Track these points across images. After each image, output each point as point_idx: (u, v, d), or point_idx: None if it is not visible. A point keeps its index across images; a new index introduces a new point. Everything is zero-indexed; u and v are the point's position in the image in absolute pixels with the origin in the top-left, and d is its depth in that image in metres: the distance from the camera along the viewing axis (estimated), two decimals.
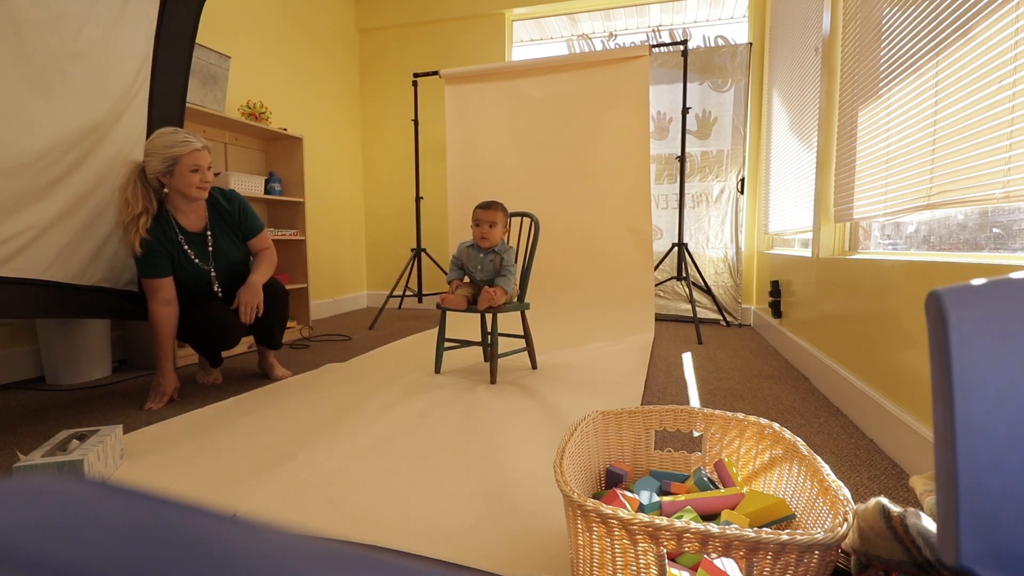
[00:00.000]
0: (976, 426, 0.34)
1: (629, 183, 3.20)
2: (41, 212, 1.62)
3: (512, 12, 3.95)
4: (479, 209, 2.07)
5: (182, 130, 1.79)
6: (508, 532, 0.97)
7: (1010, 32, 1.00)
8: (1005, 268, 0.99)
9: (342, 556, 0.15)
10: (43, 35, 1.54)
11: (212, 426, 1.55)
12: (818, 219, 2.08)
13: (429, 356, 2.45)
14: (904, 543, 0.61)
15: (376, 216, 4.38)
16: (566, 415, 1.63)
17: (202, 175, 1.79)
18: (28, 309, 1.66)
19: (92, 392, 1.97)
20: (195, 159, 1.76)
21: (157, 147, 1.73)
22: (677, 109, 3.21)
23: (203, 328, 1.86)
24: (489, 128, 3.49)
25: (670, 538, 0.65)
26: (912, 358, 1.26)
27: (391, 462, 1.28)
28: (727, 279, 3.53)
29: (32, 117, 1.55)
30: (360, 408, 1.69)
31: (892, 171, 1.49)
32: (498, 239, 2.08)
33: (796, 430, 1.51)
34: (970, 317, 0.35)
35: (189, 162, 1.75)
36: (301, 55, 3.66)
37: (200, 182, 1.78)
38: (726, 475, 1.00)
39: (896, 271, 1.37)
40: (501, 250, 2.08)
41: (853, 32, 1.83)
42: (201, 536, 0.15)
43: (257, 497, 1.11)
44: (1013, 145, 0.98)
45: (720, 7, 3.68)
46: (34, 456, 1.15)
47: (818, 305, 2.05)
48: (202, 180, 1.79)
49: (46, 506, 0.16)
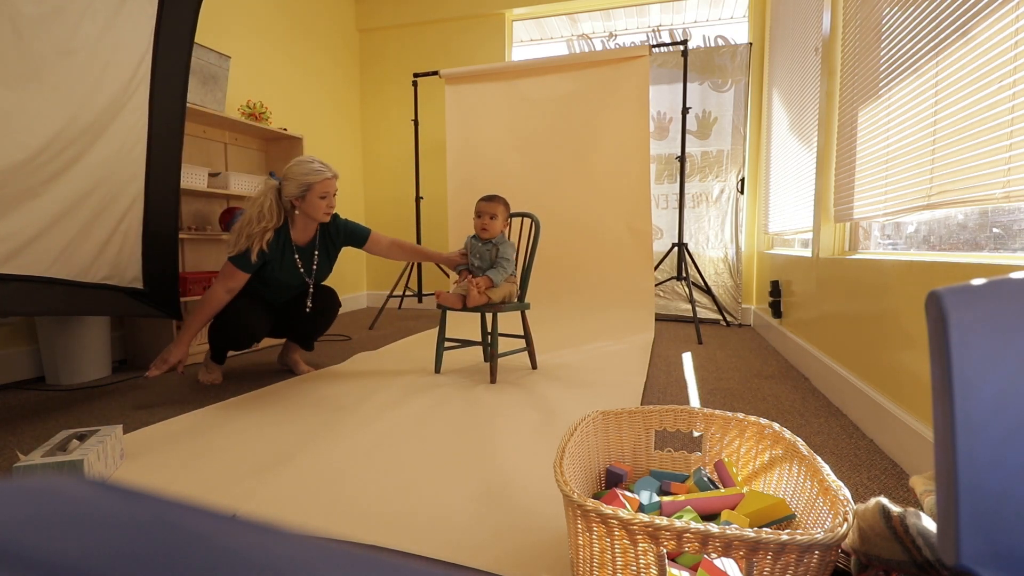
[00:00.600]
0: (976, 426, 0.34)
1: (629, 183, 3.20)
2: (40, 209, 1.62)
3: (512, 12, 3.95)
4: (481, 201, 2.13)
5: (317, 159, 1.94)
6: (508, 532, 0.97)
7: (1010, 32, 1.00)
8: (1005, 268, 0.99)
9: (342, 556, 0.15)
10: (39, 31, 1.54)
11: (212, 426, 1.55)
12: (818, 219, 2.08)
13: (429, 356, 2.45)
14: (904, 543, 0.61)
15: (376, 216, 4.38)
16: (566, 415, 1.63)
17: (329, 201, 1.96)
18: (31, 306, 1.66)
19: (92, 392, 1.97)
20: (326, 187, 1.93)
21: (295, 174, 1.90)
22: (677, 109, 3.21)
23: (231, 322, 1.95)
24: (489, 128, 3.49)
25: (670, 538, 0.65)
26: (912, 358, 1.26)
27: (391, 462, 1.28)
28: (727, 279, 3.53)
29: (28, 113, 1.55)
30: (360, 408, 1.69)
31: (892, 171, 1.49)
32: (498, 231, 2.12)
33: (796, 430, 1.51)
34: (970, 317, 0.35)
35: (320, 189, 1.91)
36: (301, 55, 3.66)
37: (327, 207, 1.96)
38: (726, 475, 1.00)
39: (896, 271, 1.37)
40: (498, 242, 2.10)
41: (853, 32, 1.83)
42: (201, 536, 0.15)
43: (257, 497, 1.11)
44: (1013, 145, 0.98)
45: (720, 7, 3.68)
46: (34, 456, 1.15)
47: (818, 305, 2.05)
48: (328, 206, 1.96)
49: (46, 506, 0.16)
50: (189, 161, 2.64)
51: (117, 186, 1.84)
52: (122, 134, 1.83)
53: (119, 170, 1.83)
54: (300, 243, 2.02)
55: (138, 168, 1.91)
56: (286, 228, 1.98)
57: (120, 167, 1.83)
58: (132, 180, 1.90)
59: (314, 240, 2.06)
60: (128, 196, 1.89)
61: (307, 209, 1.93)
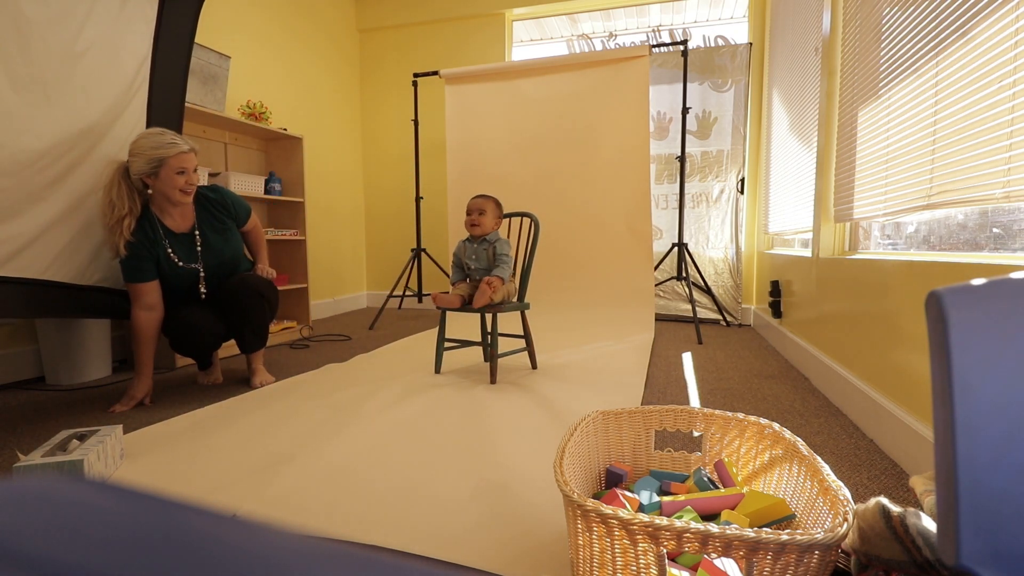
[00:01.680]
0: (976, 426, 0.34)
1: (629, 183, 3.20)
2: (41, 212, 1.62)
3: (512, 12, 3.95)
4: (471, 199, 2.13)
5: (169, 131, 1.76)
6: (508, 532, 0.97)
7: (1010, 32, 1.00)
8: (1005, 268, 0.99)
9: (342, 556, 0.15)
10: (45, 35, 1.54)
11: (212, 426, 1.55)
12: (818, 219, 2.08)
13: (429, 356, 2.45)
14: (904, 543, 0.61)
15: (376, 216, 4.38)
16: (566, 415, 1.63)
17: (188, 178, 1.75)
18: (28, 309, 1.66)
19: (92, 392, 1.97)
20: (181, 161, 1.72)
21: (143, 148, 1.69)
22: (677, 109, 3.21)
23: (182, 333, 1.84)
24: (489, 128, 3.49)
25: (670, 538, 0.65)
26: (912, 358, 1.26)
27: (391, 462, 1.28)
28: (727, 279, 3.53)
29: (32, 117, 1.55)
30: (360, 408, 1.69)
31: (892, 171, 1.49)
32: (489, 228, 2.10)
33: (796, 430, 1.51)
34: (970, 317, 0.35)
35: (175, 164, 1.72)
36: (301, 55, 3.66)
37: (185, 184, 1.75)
38: (726, 475, 1.00)
39: (896, 271, 1.37)
40: (493, 240, 2.10)
41: (853, 32, 1.83)
42: (201, 536, 0.15)
43: (257, 497, 1.11)
44: (1013, 145, 0.98)
45: (720, 7, 3.68)
46: (34, 456, 1.15)
47: (818, 305, 2.05)
48: (187, 183, 1.75)
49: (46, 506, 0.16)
50: None
51: None
52: (122, 135, 1.83)
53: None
54: (180, 229, 1.84)
55: None
56: (151, 216, 1.78)
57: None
58: None
59: (193, 223, 1.86)
60: None
61: (162, 187, 1.72)
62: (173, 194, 1.74)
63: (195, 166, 1.78)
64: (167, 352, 2.31)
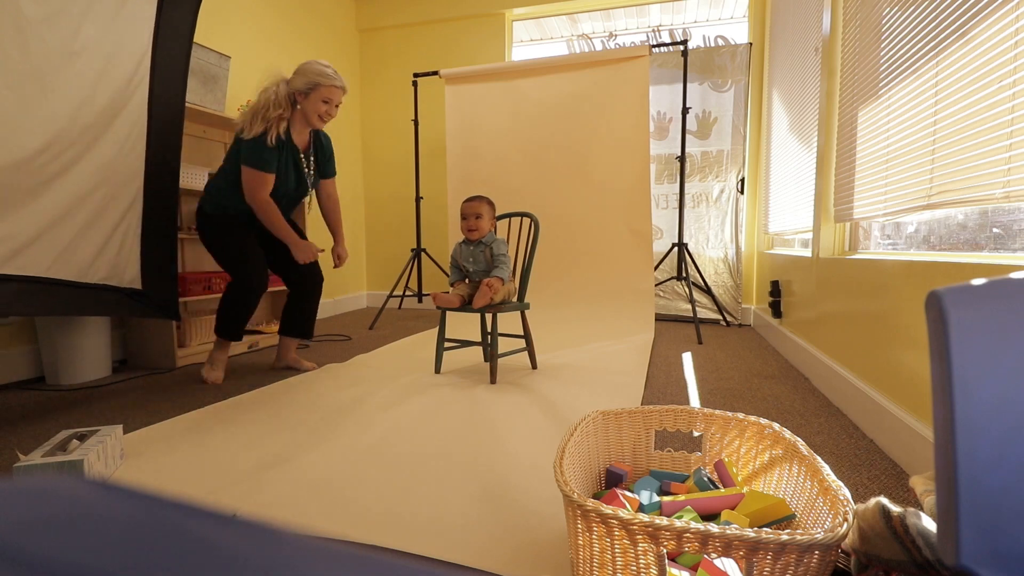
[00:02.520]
0: (976, 426, 0.34)
1: (629, 183, 3.20)
2: (40, 210, 1.62)
3: (512, 12, 3.95)
4: (465, 203, 2.13)
5: (332, 67, 1.98)
6: (508, 532, 0.97)
7: (1010, 32, 1.00)
8: (1005, 268, 0.99)
9: (342, 556, 0.15)
10: (42, 33, 1.54)
11: (212, 426, 1.55)
12: (818, 219, 2.08)
13: (429, 356, 2.45)
14: (904, 543, 0.61)
15: (376, 216, 4.38)
16: (566, 415, 1.63)
17: (328, 109, 1.99)
18: (31, 307, 1.66)
19: (92, 392, 1.97)
20: (330, 92, 1.96)
21: (307, 70, 1.94)
22: (677, 109, 3.21)
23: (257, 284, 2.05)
24: (489, 128, 3.49)
25: (670, 538, 0.65)
26: (912, 358, 1.26)
27: (391, 462, 1.28)
28: (727, 279, 3.53)
29: (29, 114, 1.55)
30: (360, 408, 1.69)
31: (892, 171, 1.49)
32: (486, 230, 2.11)
33: (796, 430, 1.51)
34: (970, 317, 0.35)
35: (325, 93, 1.95)
36: (301, 55, 3.65)
37: (324, 113, 1.99)
38: (726, 475, 1.00)
39: (896, 271, 1.37)
40: (489, 241, 2.10)
41: (853, 32, 1.83)
42: (201, 536, 0.15)
43: (257, 497, 1.11)
44: (1013, 145, 0.98)
45: (720, 7, 3.68)
46: (34, 456, 1.15)
47: (818, 305, 2.05)
48: (326, 112, 1.99)
49: (46, 506, 0.16)
50: (189, 161, 2.64)
51: (117, 186, 1.84)
52: (122, 134, 1.83)
53: (119, 170, 1.83)
54: (298, 146, 2.05)
55: (138, 168, 1.91)
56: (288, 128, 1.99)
57: (120, 167, 1.83)
58: (132, 180, 1.90)
59: (309, 147, 2.09)
60: (128, 196, 1.89)
61: (307, 107, 1.96)
62: (312, 117, 1.99)
63: (338, 103, 2.01)
64: (167, 352, 2.32)
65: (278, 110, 1.93)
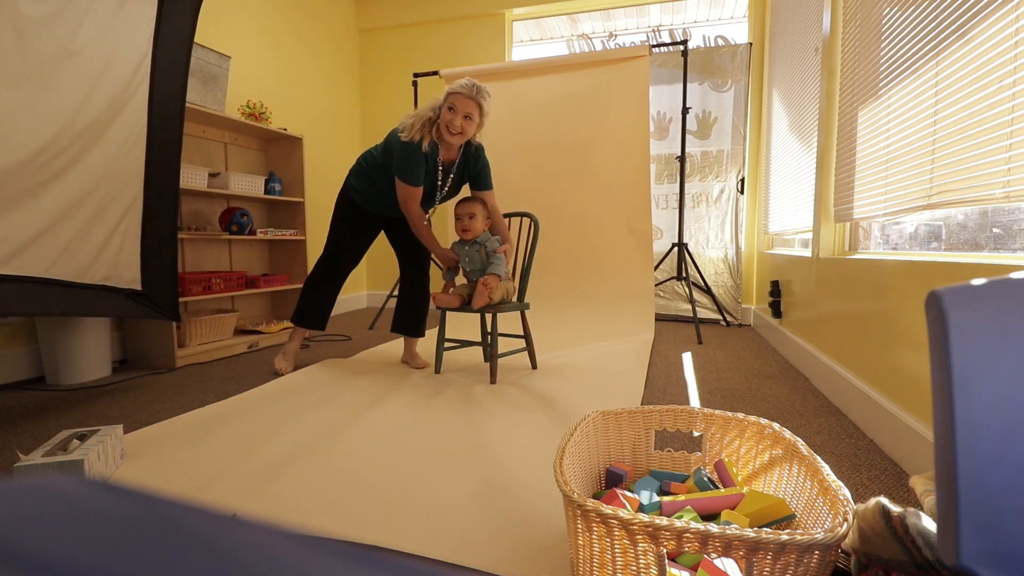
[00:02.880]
0: (976, 426, 0.34)
1: (629, 183, 3.19)
2: (39, 210, 1.62)
3: (512, 12, 3.95)
4: (457, 204, 2.13)
5: (475, 81, 1.95)
6: (508, 531, 0.97)
7: (1010, 32, 1.00)
8: (1005, 268, 0.99)
9: (342, 556, 0.15)
10: (41, 32, 1.54)
11: (212, 426, 1.55)
12: (818, 219, 2.08)
13: (429, 356, 2.45)
14: (904, 543, 0.61)
15: None
16: (566, 415, 1.63)
17: (455, 118, 1.92)
18: (30, 307, 1.66)
19: (92, 392, 1.97)
20: (456, 100, 1.92)
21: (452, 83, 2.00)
22: (677, 109, 3.21)
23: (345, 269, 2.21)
24: (489, 128, 3.46)
25: (670, 538, 0.65)
26: (912, 358, 1.26)
27: (391, 462, 1.28)
28: (727, 279, 3.53)
29: (28, 114, 1.55)
30: (360, 408, 1.69)
31: (892, 171, 1.49)
32: (480, 230, 2.10)
33: (796, 430, 1.51)
34: (970, 317, 0.35)
35: (452, 100, 1.92)
36: (301, 55, 3.66)
37: (450, 122, 1.93)
38: (726, 475, 1.00)
39: (896, 271, 1.37)
40: (484, 240, 2.09)
41: (853, 32, 1.83)
42: (201, 536, 0.15)
43: (257, 497, 1.11)
44: (1013, 145, 0.98)
45: (720, 7, 3.68)
46: (34, 456, 1.15)
47: (818, 305, 2.05)
48: (451, 121, 1.92)
49: (47, 505, 0.16)
50: (189, 161, 2.64)
51: (116, 186, 1.84)
52: (122, 135, 1.83)
53: (119, 170, 1.83)
54: (444, 160, 2.07)
55: (138, 168, 1.91)
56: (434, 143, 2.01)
57: (120, 167, 1.83)
58: (132, 180, 1.90)
59: (454, 162, 2.10)
60: (127, 196, 1.89)
61: (442, 116, 1.96)
62: (442, 127, 1.96)
63: (467, 113, 1.93)
64: (167, 352, 2.32)
65: (432, 115, 1.96)
